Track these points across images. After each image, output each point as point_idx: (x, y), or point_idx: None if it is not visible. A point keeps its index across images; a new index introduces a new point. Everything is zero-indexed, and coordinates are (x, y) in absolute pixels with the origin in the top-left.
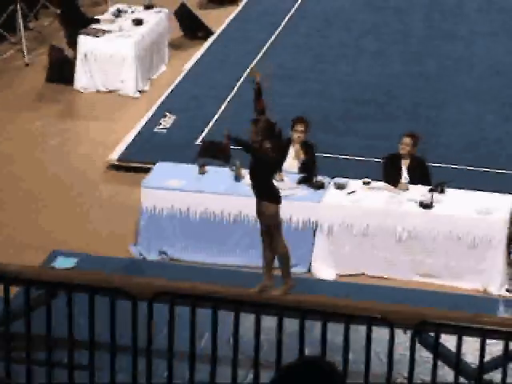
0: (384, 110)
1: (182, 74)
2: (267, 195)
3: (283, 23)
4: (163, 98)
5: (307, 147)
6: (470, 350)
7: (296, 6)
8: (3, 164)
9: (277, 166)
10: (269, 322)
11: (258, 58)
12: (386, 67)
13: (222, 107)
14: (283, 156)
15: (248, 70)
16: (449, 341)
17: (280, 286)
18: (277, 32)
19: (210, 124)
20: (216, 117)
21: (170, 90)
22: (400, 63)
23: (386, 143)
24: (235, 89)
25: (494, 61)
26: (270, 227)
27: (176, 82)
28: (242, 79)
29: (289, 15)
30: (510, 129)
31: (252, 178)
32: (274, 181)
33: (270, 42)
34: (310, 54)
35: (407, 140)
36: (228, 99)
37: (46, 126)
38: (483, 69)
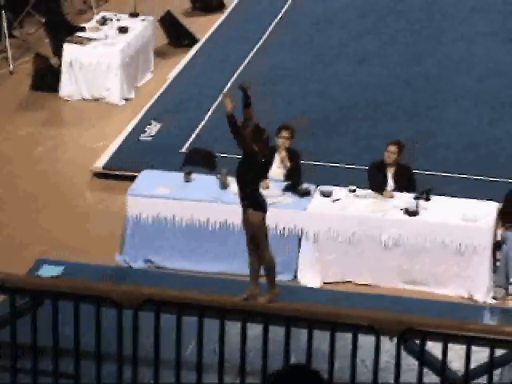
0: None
1: (167, 82)
2: (253, 203)
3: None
4: (148, 105)
5: (292, 154)
6: (456, 357)
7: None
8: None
9: (263, 167)
10: (255, 330)
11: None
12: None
13: (209, 114)
14: (269, 159)
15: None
16: (435, 348)
17: (266, 293)
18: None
19: (196, 131)
20: (202, 124)
21: (155, 98)
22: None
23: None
24: (221, 96)
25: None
26: (256, 235)
27: (161, 89)
28: (228, 85)
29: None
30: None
31: (238, 182)
32: (260, 189)
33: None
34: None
35: (393, 148)
36: (213, 107)
37: (31, 135)
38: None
